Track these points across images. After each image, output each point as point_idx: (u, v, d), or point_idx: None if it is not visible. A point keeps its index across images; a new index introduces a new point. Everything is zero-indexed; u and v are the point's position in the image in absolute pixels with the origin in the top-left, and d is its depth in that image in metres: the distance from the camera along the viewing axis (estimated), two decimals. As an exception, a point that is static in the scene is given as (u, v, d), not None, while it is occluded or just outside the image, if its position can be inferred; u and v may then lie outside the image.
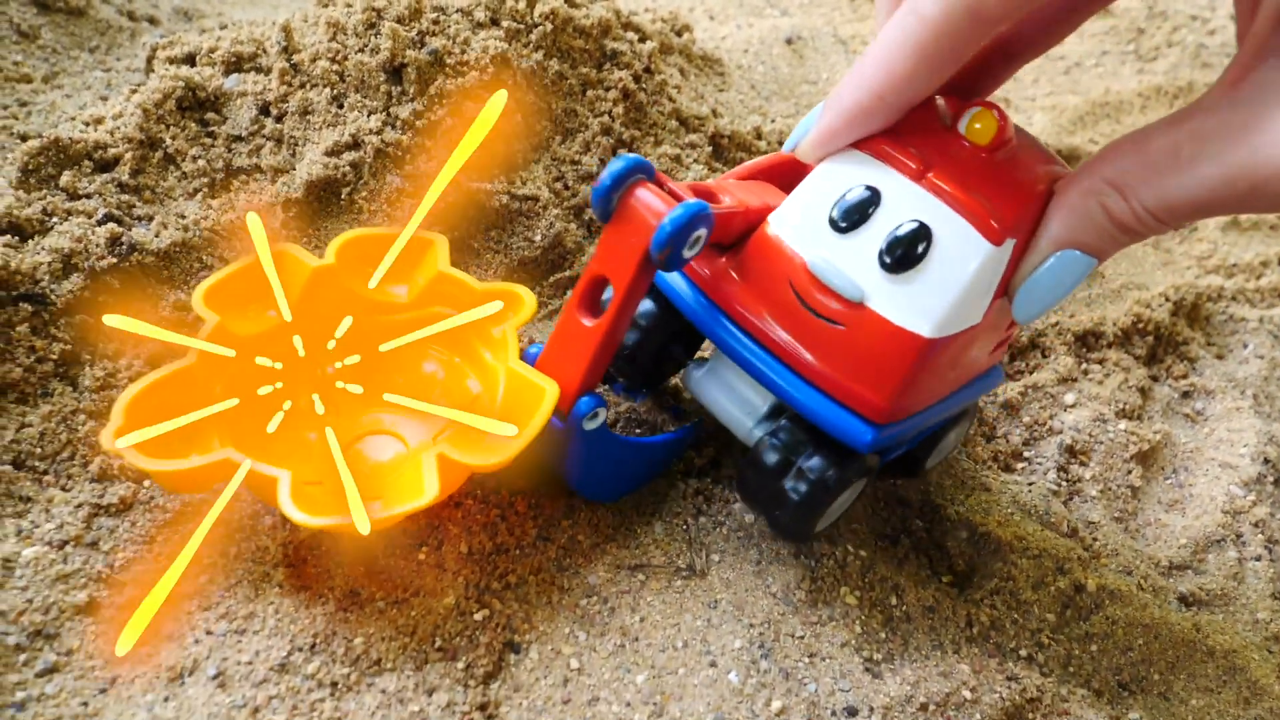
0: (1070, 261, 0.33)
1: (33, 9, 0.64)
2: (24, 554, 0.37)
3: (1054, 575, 0.46)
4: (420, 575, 0.39)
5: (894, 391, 0.36)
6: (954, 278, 0.35)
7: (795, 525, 0.40)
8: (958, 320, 0.35)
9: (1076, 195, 0.32)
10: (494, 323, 0.42)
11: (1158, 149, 0.30)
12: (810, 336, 0.37)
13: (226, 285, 0.42)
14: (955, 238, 0.35)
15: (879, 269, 0.35)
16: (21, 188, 0.47)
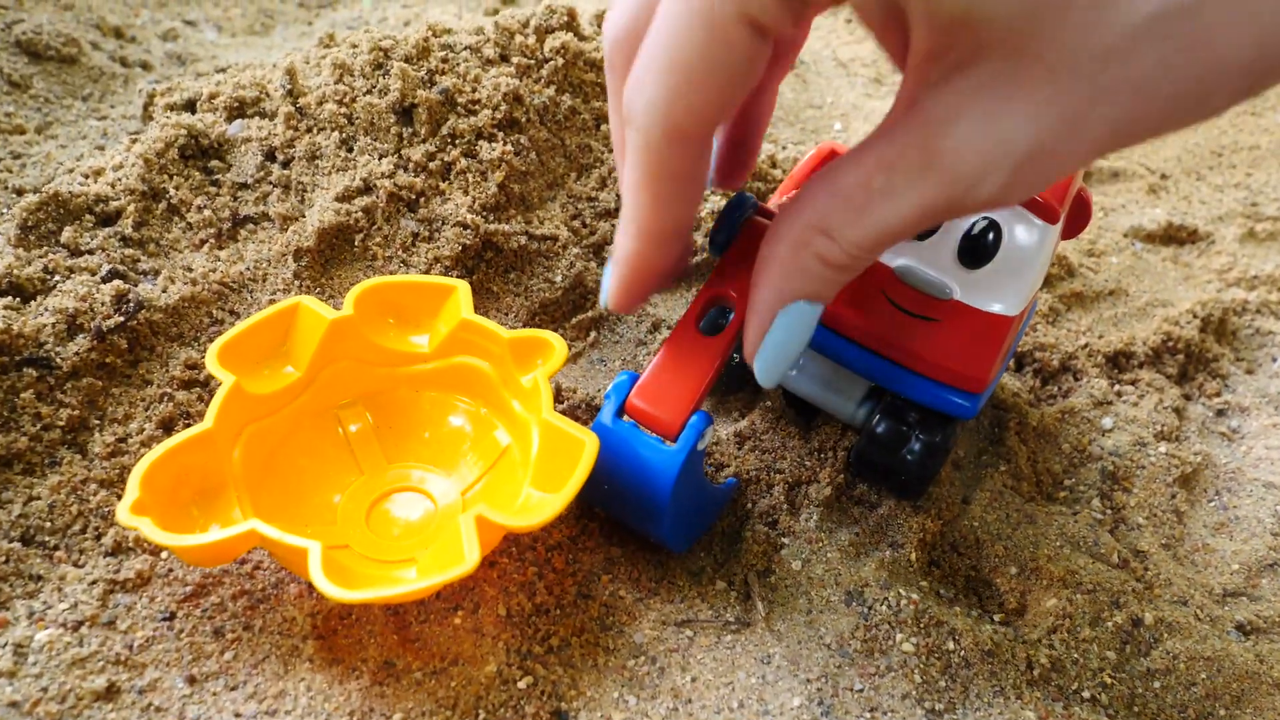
0: (799, 314, 0.33)
1: (23, 58, 0.62)
2: (37, 638, 0.35)
3: (1110, 610, 0.44)
4: (458, 641, 0.37)
5: (991, 366, 0.41)
6: (1027, 260, 0.40)
7: (915, 484, 0.44)
8: (1030, 294, 0.42)
9: (786, 249, 0.32)
10: (524, 371, 0.41)
11: (850, 186, 0.30)
12: (911, 334, 0.41)
13: (242, 342, 0.40)
14: (1023, 226, 0.40)
15: (959, 267, 0.41)
16: (21, 245, 0.45)
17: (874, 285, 0.42)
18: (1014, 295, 0.41)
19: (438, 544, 0.38)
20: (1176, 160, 0.79)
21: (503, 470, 0.42)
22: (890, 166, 0.29)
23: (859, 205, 0.29)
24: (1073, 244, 0.67)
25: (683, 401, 0.37)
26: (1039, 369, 0.57)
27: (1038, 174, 0.27)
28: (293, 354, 0.41)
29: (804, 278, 0.32)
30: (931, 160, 0.28)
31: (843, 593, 0.41)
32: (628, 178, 0.32)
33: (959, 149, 0.27)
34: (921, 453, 0.43)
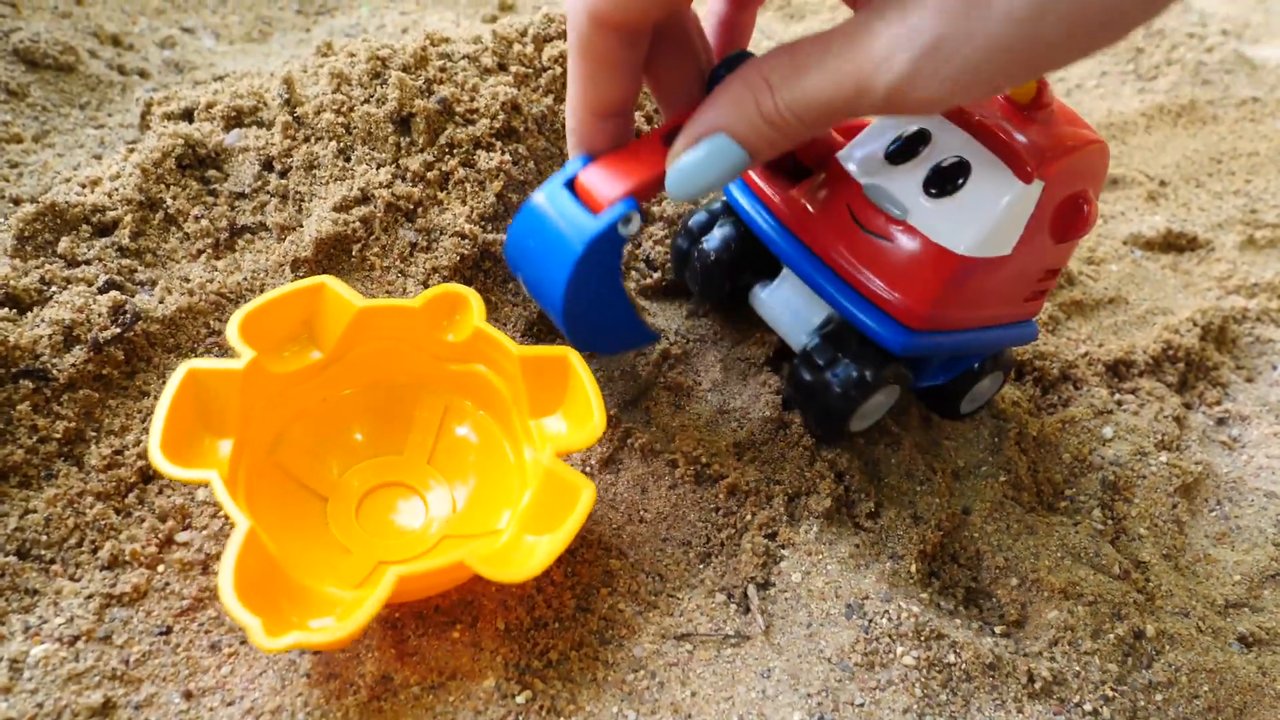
0: (720, 146, 0.35)
1: (21, 66, 0.62)
2: (33, 653, 0.35)
3: (1112, 622, 0.44)
4: (455, 656, 0.37)
5: (929, 300, 0.41)
6: (987, 206, 0.40)
7: (832, 420, 0.44)
8: (988, 245, 0.40)
9: (736, 84, 0.34)
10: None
11: (802, 53, 0.33)
12: (861, 251, 0.42)
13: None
14: (991, 174, 0.40)
15: (923, 194, 0.41)
16: (18, 256, 0.45)
17: (841, 199, 0.43)
18: (966, 234, 0.40)
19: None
20: (1176, 167, 0.79)
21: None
22: (825, 46, 0.32)
23: (798, 69, 0.33)
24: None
25: (622, 183, 0.38)
26: (1039, 377, 0.57)
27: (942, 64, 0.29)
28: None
29: (739, 116, 0.34)
30: (853, 43, 0.31)
31: (843, 605, 0.41)
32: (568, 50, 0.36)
33: (873, 34, 0.30)
34: (841, 381, 0.43)
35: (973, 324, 0.44)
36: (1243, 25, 1.02)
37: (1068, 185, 0.41)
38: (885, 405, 0.47)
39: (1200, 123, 0.83)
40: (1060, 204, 0.41)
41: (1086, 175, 0.42)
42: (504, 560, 0.35)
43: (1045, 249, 0.43)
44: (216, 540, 0.39)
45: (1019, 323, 0.47)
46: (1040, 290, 0.46)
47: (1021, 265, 0.43)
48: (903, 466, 0.48)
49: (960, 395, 0.49)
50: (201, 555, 0.39)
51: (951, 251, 0.40)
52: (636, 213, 0.38)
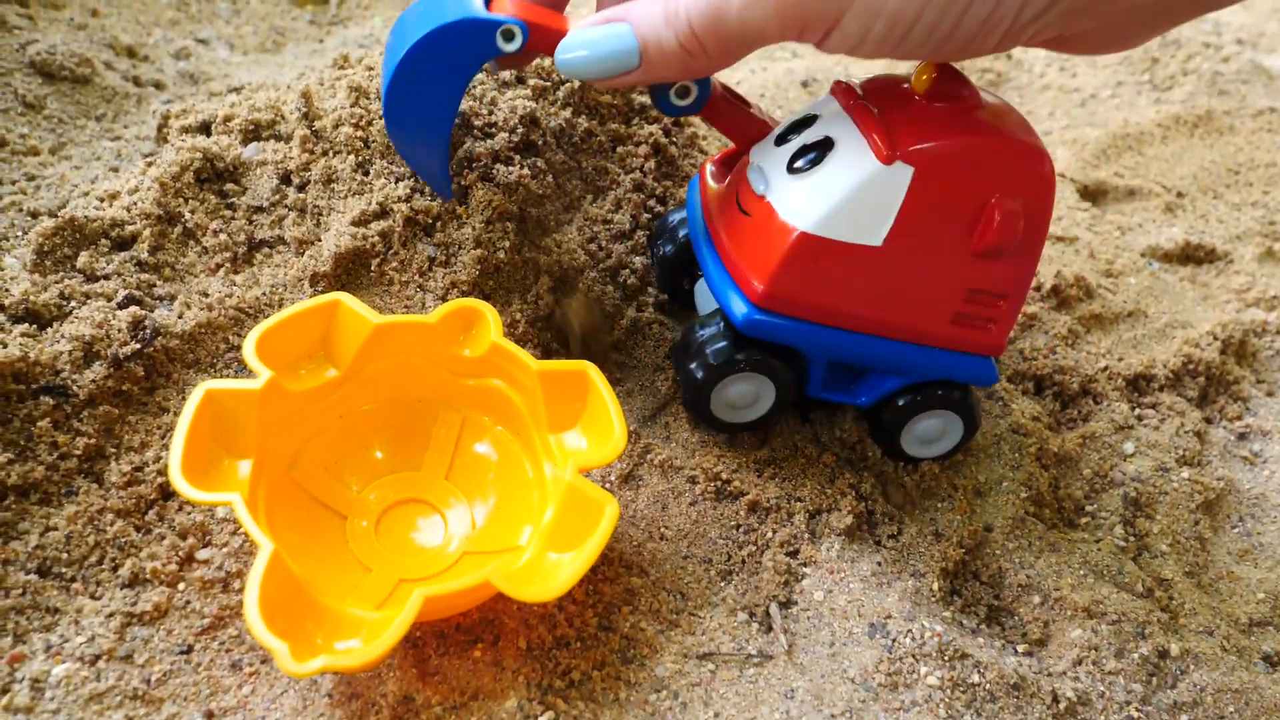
0: (617, 30, 0.35)
1: (37, 78, 0.62)
2: (54, 672, 0.35)
3: (1135, 641, 0.43)
4: (477, 675, 0.37)
5: (770, 276, 0.40)
6: (838, 185, 0.38)
7: (692, 396, 0.44)
8: (842, 226, 0.39)
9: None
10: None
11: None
12: (733, 229, 0.42)
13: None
14: (852, 152, 0.39)
15: (784, 170, 0.40)
16: (37, 271, 0.44)
17: (734, 181, 0.43)
18: (812, 210, 0.38)
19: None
20: (1193, 178, 0.78)
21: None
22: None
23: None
24: (1090, 264, 0.66)
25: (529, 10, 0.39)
26: (1059, 392, 0.56)
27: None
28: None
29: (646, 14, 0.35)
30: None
31: (866, 624, 0.41)
32: None
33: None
34: (696, 360, 0.43)
35: (845, 323, 0.41)
36: (1258, 34, 1.02)
37: (965, 183, 0.38)
38: (761, 401, 0.44)
39: (1217, 133, 0.83)
40: (970, 209, 0.38)
41: (999, 179, 0.38)
42: (528, 579, 0.35)
43: (958, 261, 0.40)
44: (237, 558, 0.39)
45: (951, 352, 0.43)
46: (978, 317, 0.42)
47: (913, 268, 0.40)
48: (923, 483, 0.47)
49: (896, 430, 0.46)
50: (222, 573, 0.38)
51: (792, 226, 0.39)
52: (522, 33, 0.38)
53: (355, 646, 0.33)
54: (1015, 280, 0.41)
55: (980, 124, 0.38)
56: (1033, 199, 0.39)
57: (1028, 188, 0.39)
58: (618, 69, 0.36)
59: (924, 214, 0.38)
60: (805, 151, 0.40)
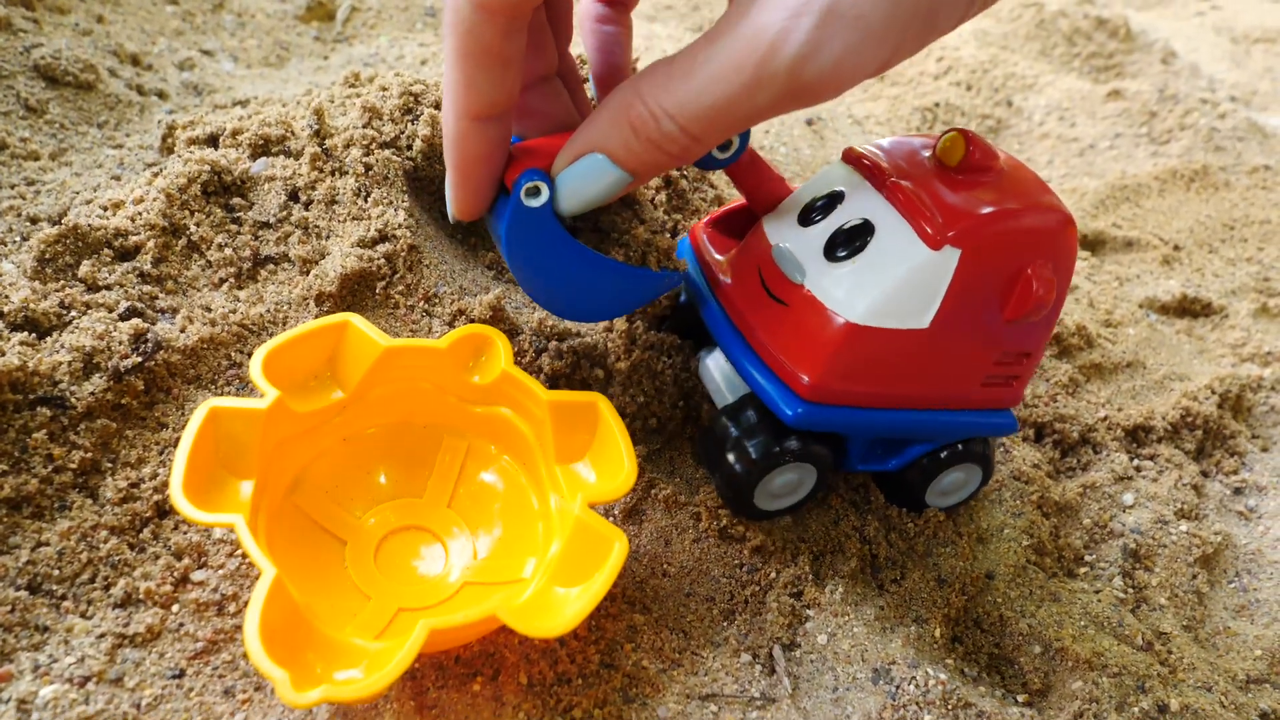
0: (594, 165, 0.34)
1: (40, 83, 0.61)
2: (42, 693, 0.33)
3: (1135, 694, 0.43)
4: (477, 710, 0.36)
5: (821, 369, 0.38)
6: (887, 273, 0.37)
7: (734, 492, 0.42)
8: (891, 314, 0.37)
9: (614, 101, 0.33)
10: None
11: (681, 58, 0.31)
12: (765, 316, 0.40)
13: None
14: (896, 236, 0.37)
15: (822, 257, 0.38)
16: (37, 278, 0.44)
17: (753, 262, 0.41)
18: (860, 301, 0.37)
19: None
20: (1189, 232, 0.79)
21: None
22: (710, 41, 0.30)
23: (680, 74, 0.31)
24: (1090, 313, 0.67)
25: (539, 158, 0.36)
26: (1059, 440, 0.56)
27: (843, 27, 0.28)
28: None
29: (612, 135, 0.33)
30: (743, 21, 0.29)
31: (869, 670, 0.40)
32: (445, 55, 0.33)
33: (766, 6, 0.29)
34: (739, 453, 0.41)
35: (891, 403, 0.41)
36: (1250, 93, 1.04)
37: (1004, 257, 0.38)
38: (803, 486, 0.43)
39: (1213, 188, 0.84)
40: (1005, 278, 0.38)
41: (1033, 248, 0.38)
42: (535, 613, 0.34)
43: (993, 328, 0.40)
44: (233, 580, 0.38)
45: (980, 410, 0.43)
46: (1005, 375, 0.42)
47: (955, 344, 0.39)
48: (927, 528, 0.47)
49: (921, 487, 0.46)
50: (217, 596, 0.38)
51: (843, 318, 0.37)
52: (543, 181, 0.35)
53: (356, 677, 0.32)
54: (1040, 338, 0.41)
55: (1014, 195, 0.38)
56: (1061, 261, 0.39)
57: (1058, 252, 0.39)
58: (611, 192, 0.35)
59: (968, 292, 0.38)
60: (843, 236, 0.38)
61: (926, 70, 0.97)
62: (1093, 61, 1.03)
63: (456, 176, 0.36)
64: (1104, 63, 1.02)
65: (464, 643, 0.37)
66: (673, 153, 0.33)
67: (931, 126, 0.90)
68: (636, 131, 0.32)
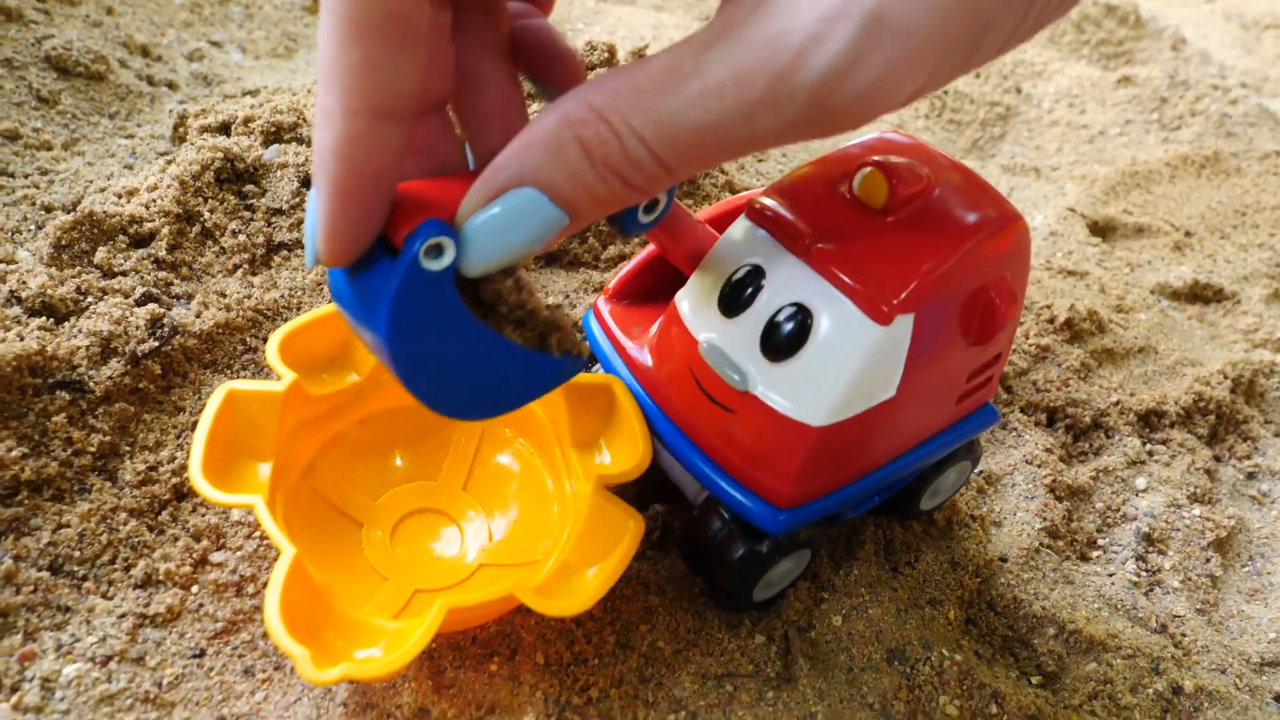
0: (525, 203, 0.25)
1: (52, 73, 0.62)
2: (65, 672, 0.34)
3: (1150, 676, 0.43)
4: (494, 689, 0.36)
5: (793, 479, 0.35)
6: (841, 364, 0.33)
7: (731, 597, 0.39)
8: (856, 403, 0.33)
9: (552, 122, 0.25)
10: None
11: (656, 68, 0.24)
12: (710, 421, 0.36)
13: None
14: (839, 321, 0.33)
15: (761, 357, 0.34)
16: (54, 264, 0.44)
17: (684, 359, 0.36)
18: (821, 403, 0.33)
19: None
20: (1200, 218, 0.79)
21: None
22: (707, 45, 0.24)
23: (660, 89, 0.24)
24: (1102, 299, 0.66)
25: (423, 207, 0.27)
26: (1070, 425, 0.56)
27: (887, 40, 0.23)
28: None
29: (552, 164, 0.25)
30: (757, 23, 0.23)
31: (884, 650, 0.40)
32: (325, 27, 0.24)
33: (793, 8, 0.23)
34: (738, 564, 0.37)
35: (874, 466, 0.38)
36: (1261, 79, 1.03)
37: (959, 292, 0.34)
38: (797, 569, 0.40)
39: (1224, 174, 0.84)
40: (965, 308, 0.35)
41: (987, 267, 0.34)
42: (553, 592, 0.34)
43: (959, 357, 0.36)
44: (251, 562, 0.38)
45: (961, 421, 0.40)
46: (976, 386, 0.39)
47: (925, 391, 0.36)
48: (940, 511, 0.47)
49: (916, 497, 0.43)
50: (236, 577, 0.38)
51: (805, 425, 0.33)
52: (447, 238, 0.26)
53: (375, 655, 0.32)
54: (1007, 339, 0.38)
55: (956, 221, 0.34)
56: (1017, 267, 0.36)
57: (1012, 258, 0.35)
58: (540, 241, 0.26)
59: (928, 343, 0.34)
60: (779, 329, 0.33)
61: (935, 58, 0.97)
62: (1102, 48, 1.03)
63: (335, 202, 0.25)
64: (1113, 50, 1.02)
65: (481, 623, 0.37)
66: (635, 184, 0.25)
67: (940, 114, 0.90)
68: (590, 155, 0.25)
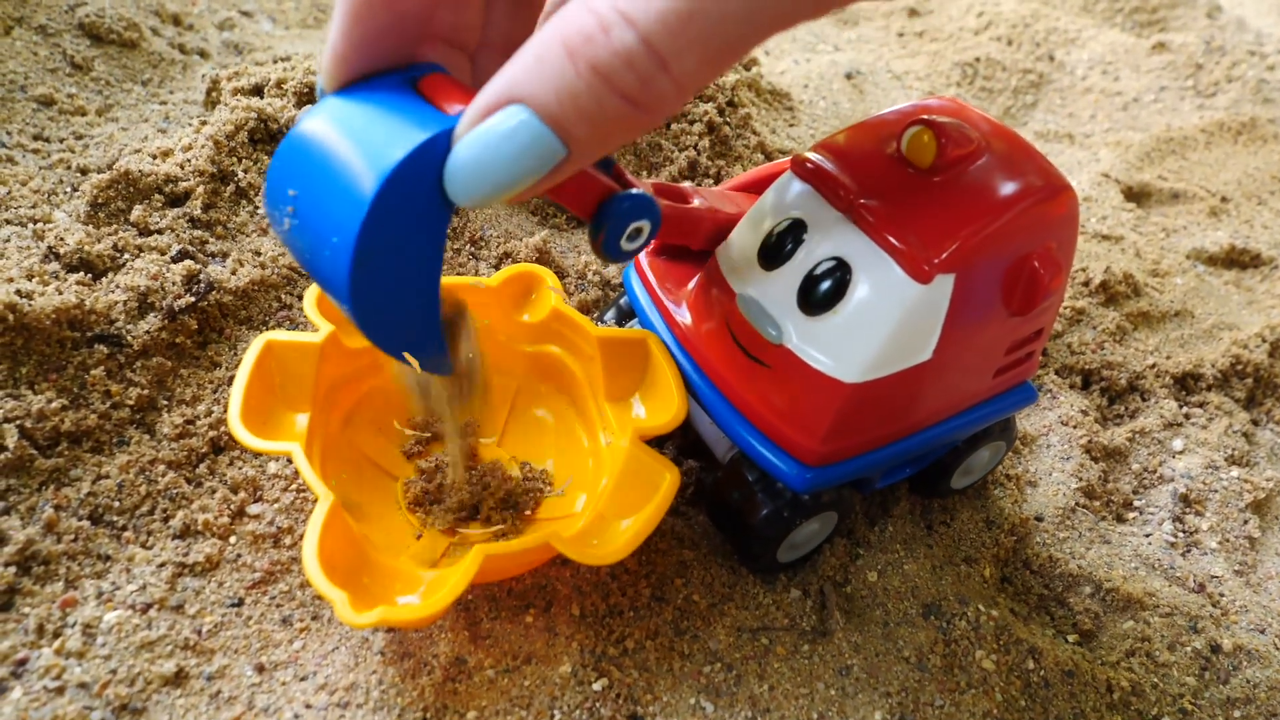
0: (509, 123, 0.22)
1: (86, 40, 0.62)
2: (106, 619, 0.34)
3: (1188, 634, 0.43)
4: (530, 640, 0.36)
5: (823, 436, 0.34)
6: (878, 321, 0.32)
7: (755, 558, 0.39)
8: (891, 362, 0.33)
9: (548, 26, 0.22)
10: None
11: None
12: (744, 375, 0.36)
13: None
14: (879, 277, 0.32)
15: (797, 309, 0.33)
16: (91, 222, 0.44)
17: (721, 313, 0.36)
18: (855, 359, 0.32)
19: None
20: (1237, 184, 0.78)
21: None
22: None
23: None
24: (1137, 263, 0.66)
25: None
26: (1106, 387, 0.56)
27: None
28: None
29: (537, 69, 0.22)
30: None
31: (920, 606, 0.40)
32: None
33: None
34: (753, 529, 0.37)
35: (902, 435, 0.37)
36: (1299, 46, 1.01)
37: (1002, 258, 0.33)
38: (823, 531, 0.40)
39: (1261, 140, 0.82)
40: (1008, 276, 0.34)
41: (1033, 234, 0.33)
42: (589, 542, 0.34)
43: (1001, 326, 0.36)
44: (287, 514, 0.39)
45: (998, 396, 0.40)
46: (1016, 360, 0.38)
47: (962, 357, 0.35)
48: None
49: (948, 474, 0.43)
50: (273, 529, 0.38)
51: (838, 380, 0.33)
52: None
53: (413, 602, 0.32)
54: (1050, 314, 0.38)
55: (1003, 185, 0.33)
56: (1064, 235, 0.35)
57: (1058, 228, 0.35)
58: (535, 174, 0.23)
59: (969, 308, 0.33)
60: (817, 283, 0.33)
61: (966, 25, 0.96)
62: (1135, 16, 1.01)
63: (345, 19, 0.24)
64: (1147, 17, 1.00)
65: (517, 573, 0.37)
66: (630, 93, 0.21)
67: (972, 82, 0.89)
68: (574, 55, 0.21)
